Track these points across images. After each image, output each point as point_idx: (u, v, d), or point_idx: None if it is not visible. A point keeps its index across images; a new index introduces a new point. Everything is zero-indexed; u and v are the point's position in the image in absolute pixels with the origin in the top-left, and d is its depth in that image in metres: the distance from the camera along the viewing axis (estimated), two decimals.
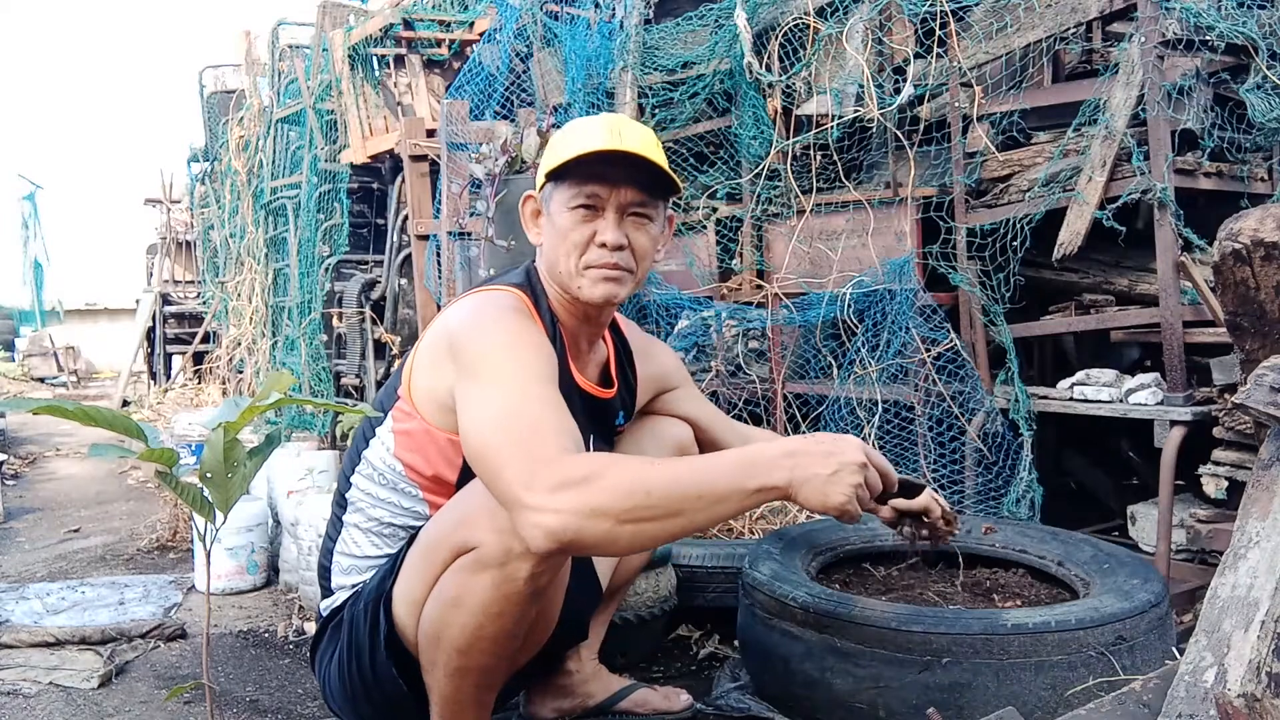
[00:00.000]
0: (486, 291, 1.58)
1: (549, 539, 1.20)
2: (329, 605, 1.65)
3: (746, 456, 1.26)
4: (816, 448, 1.24)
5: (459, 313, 1.53)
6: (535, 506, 1.20)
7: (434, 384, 1.51)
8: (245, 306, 6.00)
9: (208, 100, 7.16)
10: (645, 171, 1.52)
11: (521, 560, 1.34)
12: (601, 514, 1.19)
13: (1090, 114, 2.41)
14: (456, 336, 1.47)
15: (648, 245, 1.57)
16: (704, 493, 1.22)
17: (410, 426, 1.55)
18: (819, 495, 1.22)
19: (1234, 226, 1.49)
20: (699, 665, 2.21)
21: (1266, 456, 1.37)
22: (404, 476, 1.57)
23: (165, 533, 3.59)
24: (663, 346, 1.93)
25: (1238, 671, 1.17)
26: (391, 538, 1.59)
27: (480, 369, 1.39)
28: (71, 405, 1.47)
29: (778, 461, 1.23)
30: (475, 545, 1.37)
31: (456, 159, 3.40)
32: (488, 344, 1.42)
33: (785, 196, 2.93)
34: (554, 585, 1.46)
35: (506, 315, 1.48)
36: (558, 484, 1.20)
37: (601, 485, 1.20)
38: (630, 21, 3.29)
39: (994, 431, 2.52)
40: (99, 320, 14.42)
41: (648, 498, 1.20)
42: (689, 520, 1.23)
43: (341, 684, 1.58)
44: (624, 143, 1.48)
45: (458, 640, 1.41)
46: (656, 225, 1.58)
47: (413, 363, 1.58)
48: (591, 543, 1.23)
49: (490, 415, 1.31)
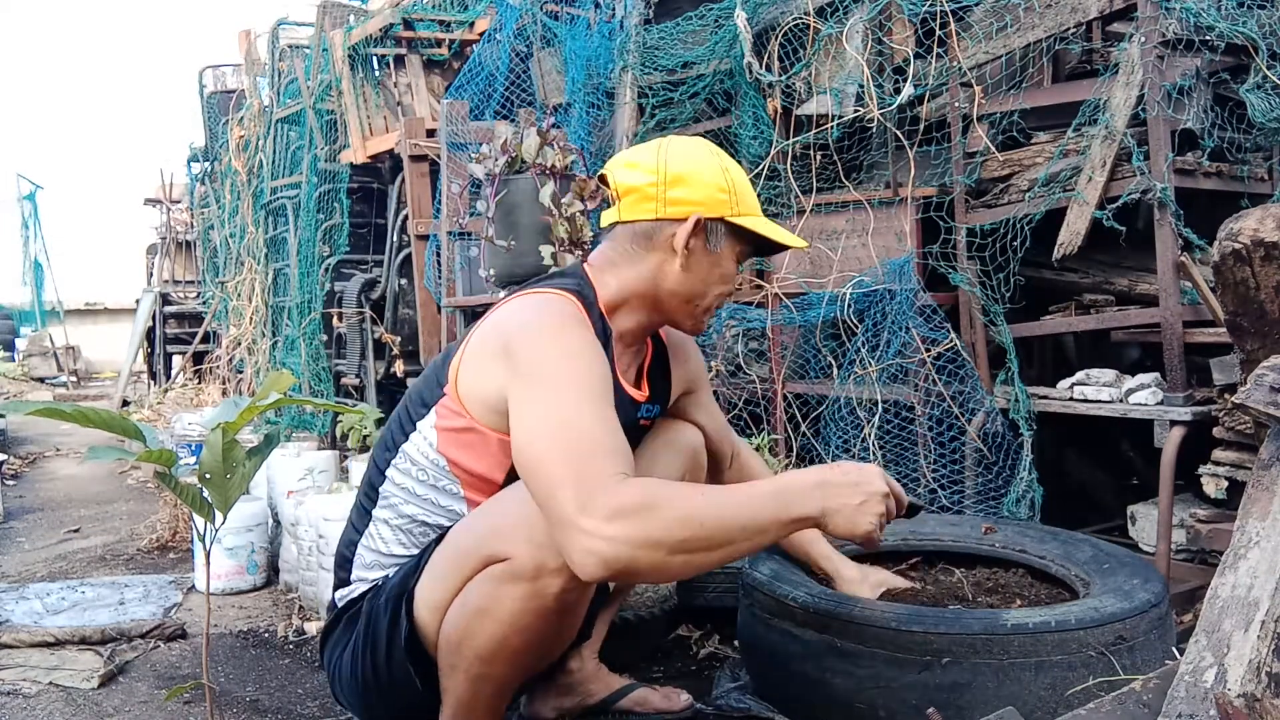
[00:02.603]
0: (541, 294, 1.54)
1: (602, 566, 1.21)
2: (345, 595, 1.64)
3: (782, 487, 1.32)
4: (844, 478, 1.32)
5: (515, 314, 1.50)
6: (590, 531, 1.20)
7: (483, 384, 1.48)
8: (245, 306, 6.00)
9: (208, 100, 7.16)
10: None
11: (554, 576, 1.34)
12: (656, 545, 1.21)
13: (1090, 114, 2.41)
14: (514, 339, 1.44)
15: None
16: (748, 524, 1.26)
17: (458, 424, 1.52)
18: (849, 524, 1.30)
19: (1234, 226, 1.49)
20: (699, 665, 2.21)
21: (1266, 456, 1.37)
22: (447, 472, 1.54)
23: (165, 533, 3.58)
24: (693, 345, 1.92)
25: (1238, 671, 1.17)
26: (421, 537, 1.57)
27: (538, 376, 1.37)
28: (69, 407, 1.47)
29: (810, 492, 1.30)
30: (508, 556, 1.37)
31: (456, 159, 3.40)
32: (545, 351, 1.40)
33: (785, 196, 2.93)
34: (581, 603, 1.47)
35: (566, 323, 1.46)
36: (614, 511, 1.20)
37: (658, 516, 1.21)
38: (630, 21, 3.29)
39: (994, 431, 2.52)
40: (99, 320, 14.41)
41: (700, 529, 1.22)
42: (735, 550, 1.27)
43: (353, 676, 1.57)
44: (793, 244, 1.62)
45: (482, 649, 1.41)
46: None
47: (461, 358, 1.54)
48: (642, 572, 1.25)
49: (547, 428, 1.30)
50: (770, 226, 1.59)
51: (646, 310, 1.61)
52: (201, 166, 7.75)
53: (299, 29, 5.73)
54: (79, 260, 14.76)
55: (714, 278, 1.58)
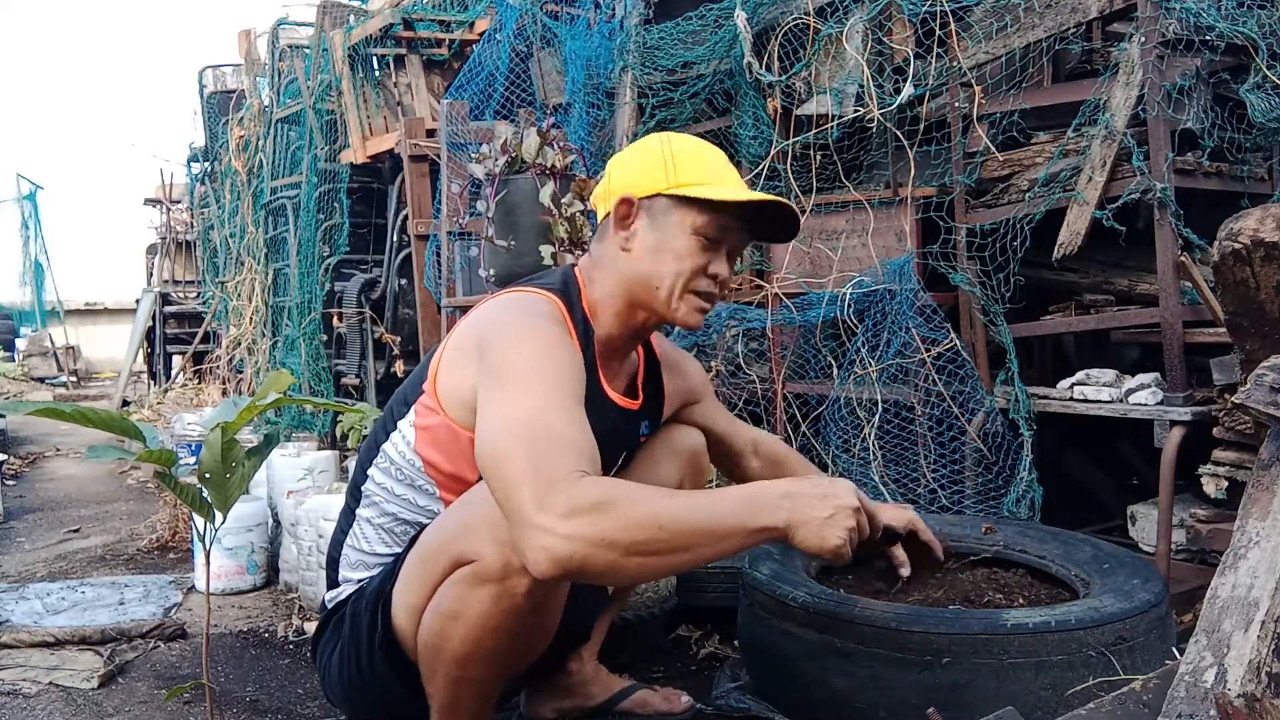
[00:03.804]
0: (522, 293, 1.55)
1: (553, 564, 1.18)
2: (334, 597, 1.65)
3: (748, 494, 1.29)
4: (812, 490, 1.28)
5: (491, 311, 1.51)
6: (543, 528, 1.18)
7: (459, 381, 1.48)
8: (245, 306, 6.00)
9: (208, 100, 7.16)
10: (777, 226, 1.58)
11: (521, 575, 1.32)
12: (610, 544, 1.17)
13: (1090, 114, 2.41)
14: (486, 335, 1.44)
15: (731, 278, 1.62)
16: (711, 529, 1.22)
17: (433, 422, 1.52)
18: (816, 537, 1.25)
19: (1234, 226, 1.49)
20: (699, 665, 2.21)
21: (1266, 456, 1.37)
22: (422, 472, 1.54)
23: (165, 533, 3.58)
24: (691, 360, 1.92)
25: (1238, 671, 1.17)
26: (402, 536, 1.57)
27: (505, 373, 1.36)
28: (69, 407, 1.47)
29: (778, 503, 1.25)
30: (475, 557, 1.35)
31: (456, 159, 3.40)
32: (516, 348, 1.39)
33: (785, 196, 2.93)
34: (554, 599, 1.45)
35: (540, 322, 1.45)
36: (570, 508, 1.18)
37: (614, 515, 1.18)
38: (630, 21, 3.29)
39: (994, 431, 2.52)
40: (99, 320, 14.40)
41: (659, 531, 1.19)
42: (694, 556, 1.23)
43: (341, 680, 1.58)
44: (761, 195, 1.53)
45: (457, 653, 1.40)
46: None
47: (440, 357, 1.55)
48: (595, 572, 1.22)
49: (508, 423, 1.28)
50: (714, 189, 1.51)
51: (623, 305, 1.58)
52: (201, 166, 7.75)
53: (299, 29, 5.73)
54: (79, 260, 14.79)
55: (666, 257, 1.52)
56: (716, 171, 1.55)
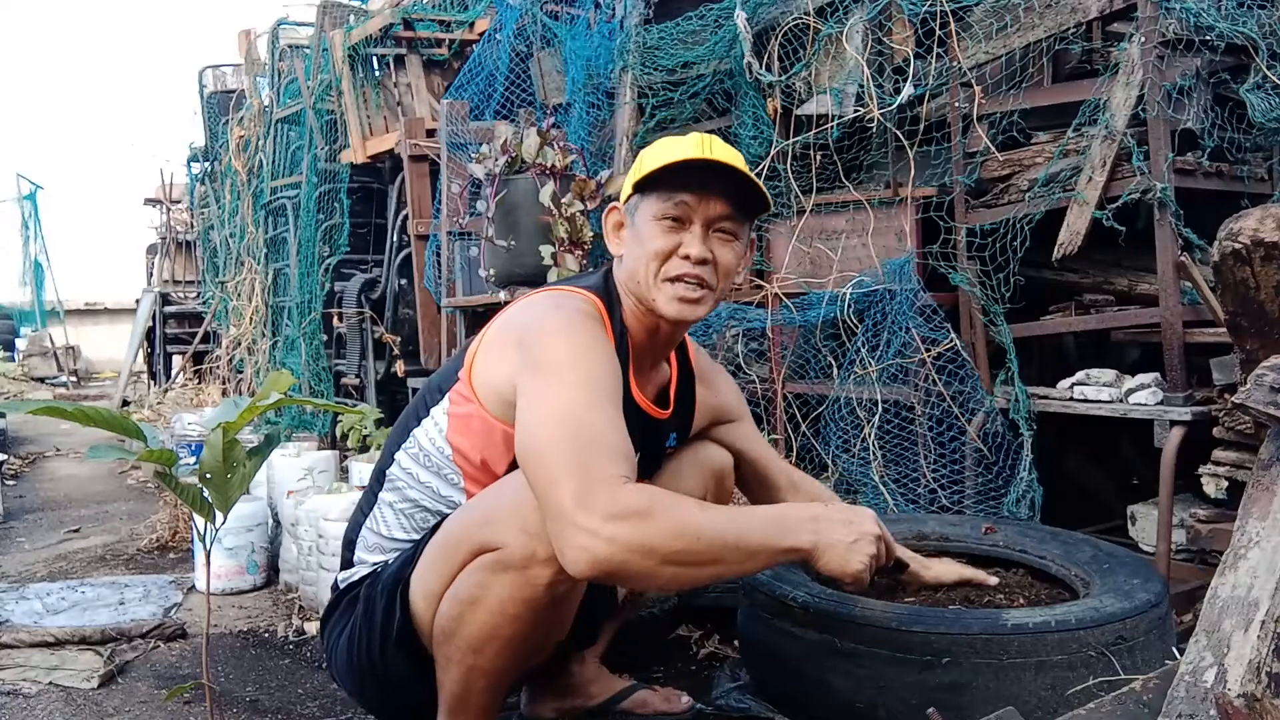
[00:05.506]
0: (563, 291, 1.57)
1: (591, 565, 1.21)
2: (347, 577, 1.65)
3: (778, 514, 1.35)
4: (838, 515, 1.34)
5: (535, 307, 1.52)
6: (586, 528, 1.20)
7: (496, 373, 1.49)
8: (245, 306, 6.00)
9: (208, 100, 7.16)
10: (735, 186, 1.50)
11: (544, 566, 1.34)
12: (649, 552, 1.21)
13: (1090, 114, 2.41)
14: (528, 330, 1.45)
15: (732, 262, 1.54)
16: (742, 545, 1.26)
17: (467, 411, 1.53)
18: (840, 561, 1.31)
19: (1234, 226, 1.49)
20: (699, 665, 2.21)
21: (1266, 456, 1.37)
22: (450, 460, 1.55)
23: (165, 533, 3.58)
24: (726, 377, 1.92)
25: (1238, 671, 1.17)
26: (421, 523, 1.59)
27: (547, 368, 1.37)
28: (70, 406, 1.47)
29: (805, 525, 1.31)
30: (499, 545, 1.37)
31: (456, 159, 3.40)
32: (558, 345, 1.40)
33: (785, 196, 2.93)
34: (572, 595, 1.46)
35: (582, 321, 1.46)
36: (613, 512, 1.20)
37: (656, 523, 1.21)
38: (630, 21, 3.29)
39: (994, 431, 2.52)
40: (99, 320, 14.41)
41: (696, 543, 1.22)
42: (724, 569, 1.28)
43: (349, 662, 1.59)
44: (715, 155, 1.48)
45: (473, 639, 1.41)
46: (741, 243, 1.56)
47: (477, 348, 1.56)
48: (631, 576, 1.27)
49: (553, 419, 1.30)
50: (655, 160, 1.49)
51: (633, 306, 1.59)
52: (201, 166, 7.76)
53: (299, 29, 5.73)
54: (79, 260, 14.78)
55: (640, 248, 1.53)
56: (668, 152, 1.51)
